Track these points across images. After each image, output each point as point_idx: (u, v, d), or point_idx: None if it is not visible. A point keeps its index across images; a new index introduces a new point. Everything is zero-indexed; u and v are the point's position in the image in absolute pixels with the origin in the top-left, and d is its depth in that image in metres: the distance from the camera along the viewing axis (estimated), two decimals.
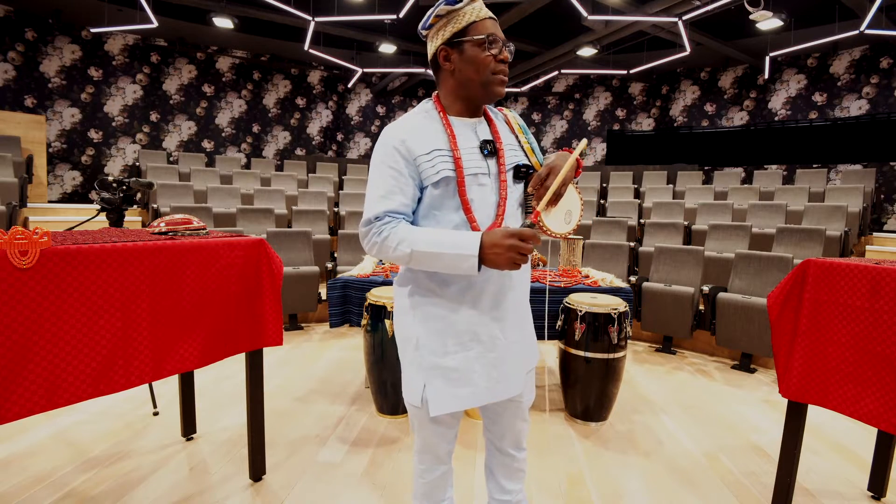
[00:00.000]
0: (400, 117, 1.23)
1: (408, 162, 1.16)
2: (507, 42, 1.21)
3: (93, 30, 8.46)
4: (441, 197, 1.18)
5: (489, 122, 1.29)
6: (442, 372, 1.22)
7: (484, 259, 1.10)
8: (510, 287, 1.25)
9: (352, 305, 3.06)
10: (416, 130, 1.19)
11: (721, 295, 3.87)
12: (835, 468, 2.34)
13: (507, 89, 11.31)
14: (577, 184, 1.30)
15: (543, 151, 3.23)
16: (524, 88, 11.34)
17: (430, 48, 1.23)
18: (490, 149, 1.23)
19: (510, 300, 1.26)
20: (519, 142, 1.32)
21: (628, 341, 2.82)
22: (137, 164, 7.64)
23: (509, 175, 1.25)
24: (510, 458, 1.43)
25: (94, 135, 9.00)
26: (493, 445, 1.46)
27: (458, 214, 1.19)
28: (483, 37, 1.16)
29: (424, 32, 1.24)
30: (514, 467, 1.44)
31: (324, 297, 4.66)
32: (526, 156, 1.30)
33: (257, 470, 2.09)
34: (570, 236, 1.32)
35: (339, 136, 11.79)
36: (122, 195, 2.60)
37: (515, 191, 1.27)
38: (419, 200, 1.21)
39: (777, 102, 9.28)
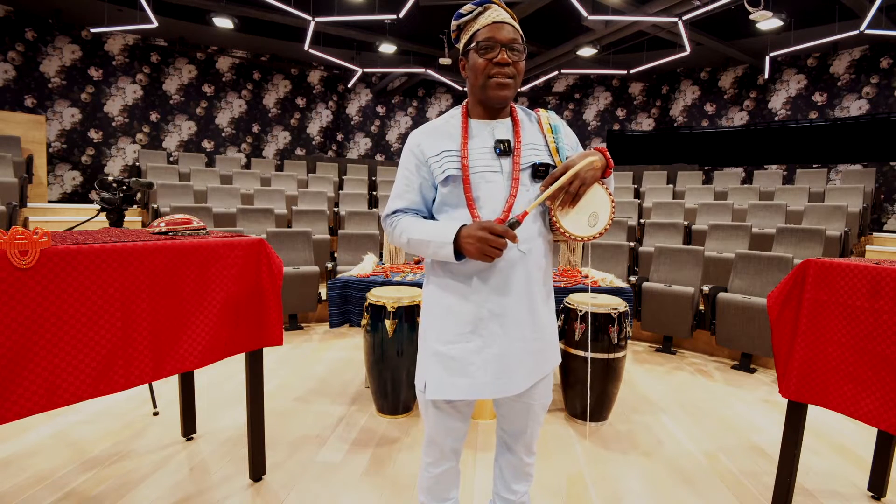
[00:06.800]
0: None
1: (420, 163, 1.28)
2: (513, 43, 1.19)
3: (93, 30, 8.46)
4: (450, 194, 1.25)
5: (515, 122, 1.29)
6: (442, 359, 1.27)
7: (460, 248, 1.18)
8: (514, 286, 1.24)
9: (352, 305, 3.06)
10: (433, 134, 1.28)
11: (721, 295, 3.87)
12: (835, 468, 2.34)
13: None
14: (605, 185, 1.26)
15: None
16: (524, 88, 11.34)
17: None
18: (503, 148, 1.25)
19: (514, 298, 1.25)
20: (546, 142, 1.31)
21: (628, 341, 2.83)
22: (137, 164, 7.64)
23: (525, 173, 1.25)
24: (520, 460, 1.45)
25: (94, 135, 9.00)
26: (505, 444, 1.47)
27: (466, 210, 1.24)
28: (481, 42, 1.20)
29: (457, 45, 1.32)
30: (524, 471, 1.47)
31: (324, 297, 4.66)
32: (550, 156, 1.29)
33: (257, 470, 2.09)
34: (594, 240, 1.30)
35: (339, 136, 11.79)
36: (122, 195, 2.60)
37: (533, 189, 1.26)
38: (435, 197, 1.30)
39: (777, 102, 9.28)
